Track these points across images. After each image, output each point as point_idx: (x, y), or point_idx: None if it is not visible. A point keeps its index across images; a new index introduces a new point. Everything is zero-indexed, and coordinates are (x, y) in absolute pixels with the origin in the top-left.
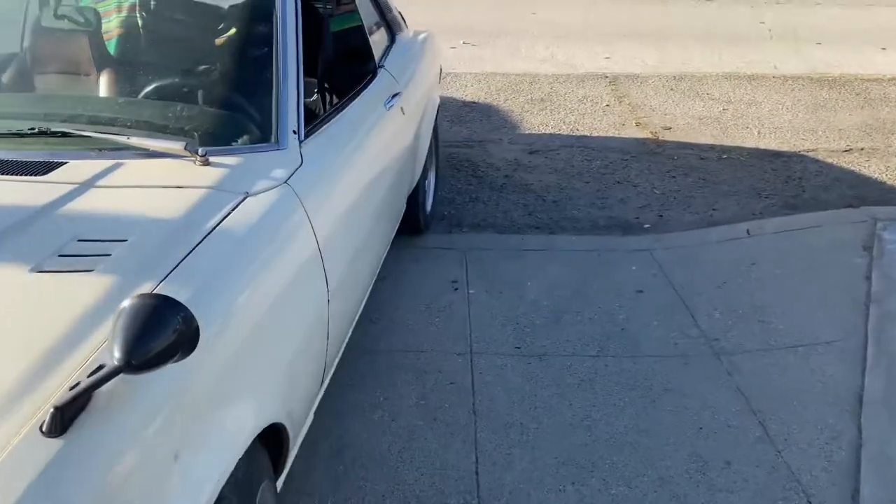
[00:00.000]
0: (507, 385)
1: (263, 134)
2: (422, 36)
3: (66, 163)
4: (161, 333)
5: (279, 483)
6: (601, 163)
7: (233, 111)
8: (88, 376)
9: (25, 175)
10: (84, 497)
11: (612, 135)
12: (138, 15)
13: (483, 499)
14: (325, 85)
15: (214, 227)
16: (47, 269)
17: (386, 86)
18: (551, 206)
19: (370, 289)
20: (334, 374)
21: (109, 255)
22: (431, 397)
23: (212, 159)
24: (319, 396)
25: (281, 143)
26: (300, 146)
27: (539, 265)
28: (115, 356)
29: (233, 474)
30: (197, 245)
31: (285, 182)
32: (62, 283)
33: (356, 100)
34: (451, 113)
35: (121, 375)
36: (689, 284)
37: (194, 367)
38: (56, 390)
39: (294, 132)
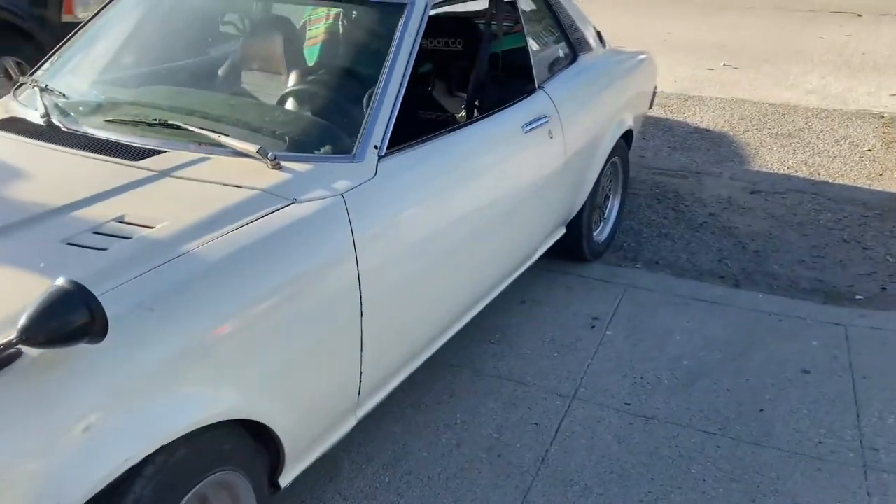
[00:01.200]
0: (593, 440)
1: (345, 145)
2: (634, 57)
3: (163, 152)
4: (61, 315)
5: (282, 480)
6: (832, 215)
7: (326, 119)
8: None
9: (121, 158)
10: None
11: (860, 185)
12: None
13: None
14: (472, 103)
15: (237, 227)
16: (75, 243)
17: (535, 108)
18: (750, 256)
19: (472, 311)
20: (428, 384)
21: (129, 238)
22: (507, 433)
23: (284, 164)
24: (363, 408)
25: (358, 156)
26: (378, 161)
27: (701, 319)
28: (17, 328)
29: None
30: (208, 241)
31: (340, 194)
32: (77, 258)
33: (483, 120)
34: (678, 138)
35: (20, 347)
36: (873, 376)
37: (127, 348)
38: None
39: (375, 147)
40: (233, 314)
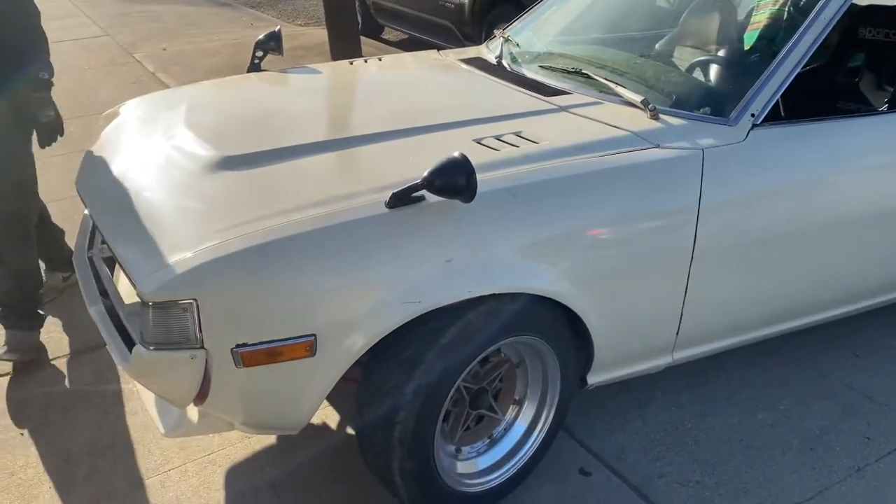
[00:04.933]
0: None
1: (725, 109)
2: None
3: (569, 93)
4: (449, 174)
5: (590, 378)
6: None
7: (716, 84)
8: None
9: (537, 94)
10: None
11: None
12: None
13: None
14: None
15: (601, 155)
16: (483, 143)
17: None
18: None
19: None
20: (764, 367)
21: (517, 146)
22: (831, 435)
23: (662, 116)
24: (681, 352)
25: (732, 119)
26: (752, 128)
27: None
28: (423, 176)
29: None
30: (574, 160)
31: (701, 149)
32: (477, 151)
33: (890, 114)
34: None
35: (424, 191)
36: None
37: (488, 216)
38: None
39: (752, 115)
40: (573, 219)
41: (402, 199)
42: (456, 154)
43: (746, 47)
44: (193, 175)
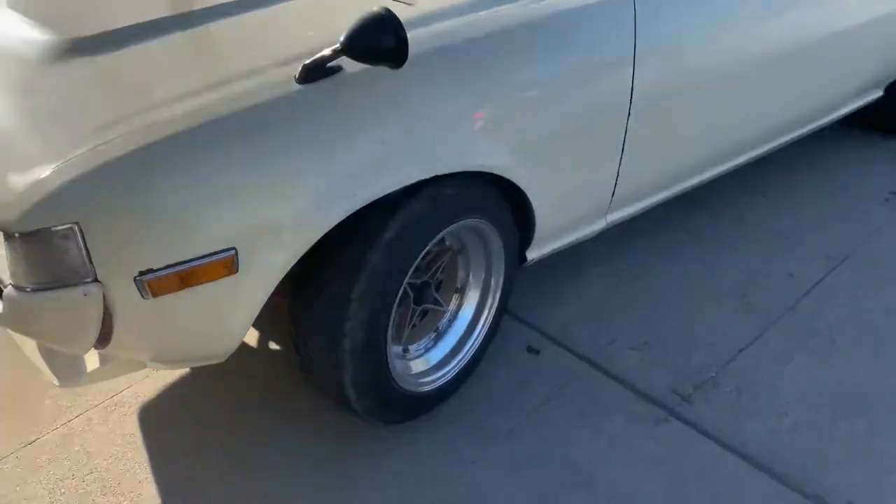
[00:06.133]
0: (855, 303)
1: None
2: None
3: None
4: (375, 35)
5: (530, 253)
6: None
7: None
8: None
9: None
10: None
11: None
12: None
13: None
14: None
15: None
16: None
17: None
18: None
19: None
20: (680, 222)
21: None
22: (759, 278)
23: None
24: (614, 213)
25: None
26: None
27: None
28: (339, 40)
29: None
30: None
31: None
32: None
33: None
34: None
35: (343, 58)
36: None
37: (421, 86)
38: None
39: None
40: (514, 79)
41: (316, 70)
42: (376, 8)
43: None
44: (34, 67)
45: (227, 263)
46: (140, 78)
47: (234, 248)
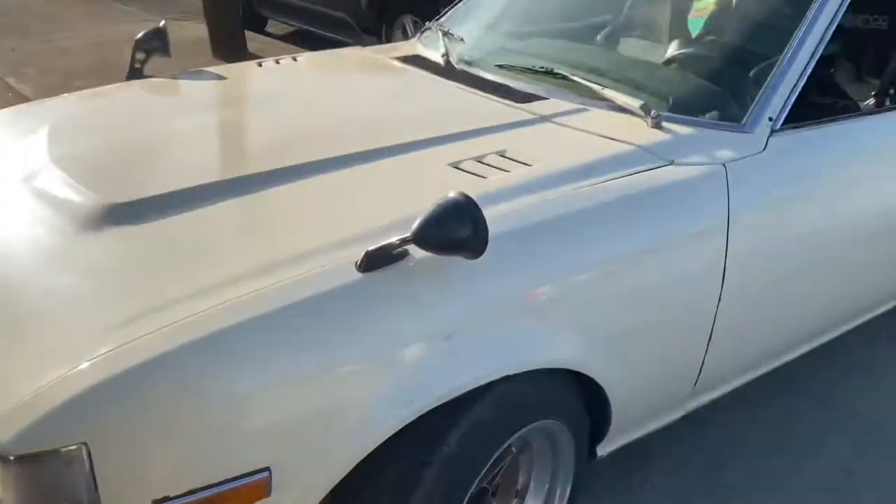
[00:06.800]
0: None
1: (735, 113)
2: None
3: (546, 99)
4: (449, 225)
5: (601, 448)
6: None
7: (717, 84)
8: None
9: (508, 100)
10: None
11: None
12: None
13: None
14: (887, 90)
15: (610, 178)
16: (461, 167)
17: None
18: None
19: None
20: (763, 401)
21: (508, 171)
22: (857, 476)
23: (665, 124)
24: (694, 401)
25: (748, 126)
26: (770, 134)
27: None
28: (412, 229)
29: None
30: (581, 187)
31: (722, 164)
32: (458, 180)
33: None
34: None
35: (408, 249)
36: None
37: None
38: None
39: (770, 119)
40: (593, 264)
41: (380, 258)
42: (454, 194)
43: (694, 33)
44: (67, 234)
45: (259, 486)
46: (179, 257)
47: (267, 469)
